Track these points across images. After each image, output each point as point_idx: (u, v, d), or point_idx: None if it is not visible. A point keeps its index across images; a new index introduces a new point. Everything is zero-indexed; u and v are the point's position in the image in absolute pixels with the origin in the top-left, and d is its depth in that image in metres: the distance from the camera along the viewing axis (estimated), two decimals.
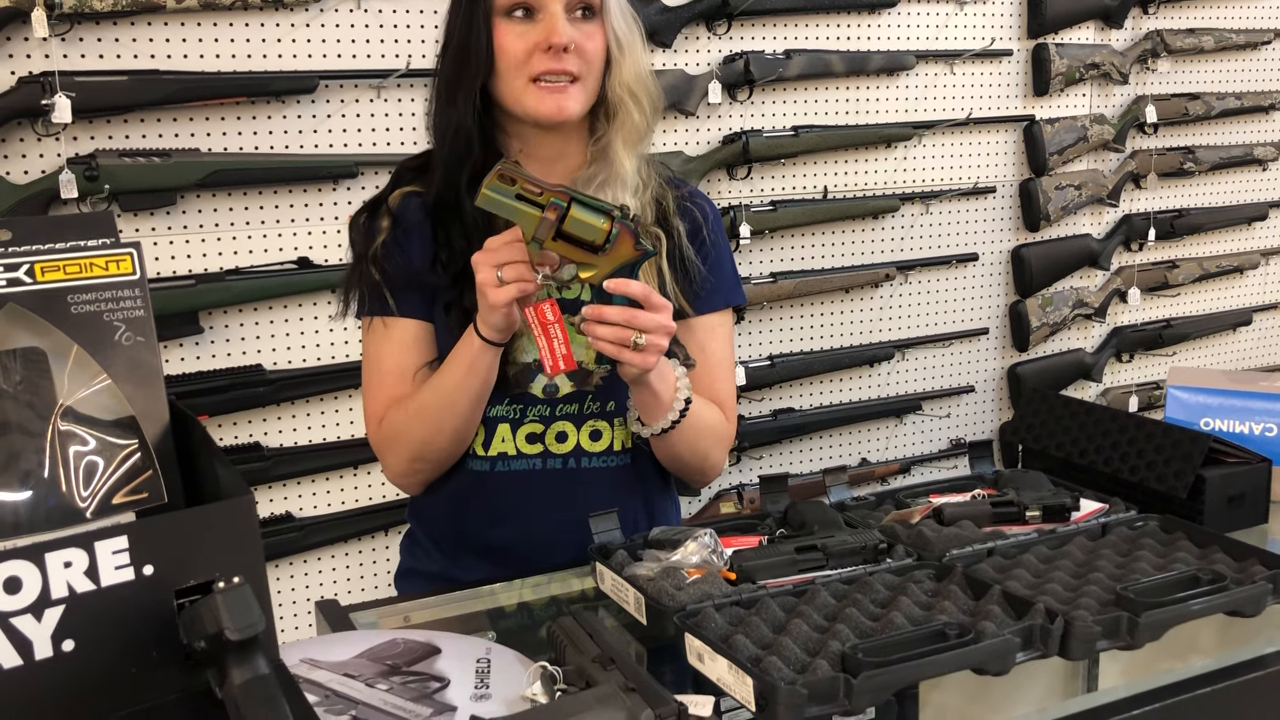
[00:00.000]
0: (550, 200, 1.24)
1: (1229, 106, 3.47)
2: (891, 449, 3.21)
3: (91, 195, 2.16)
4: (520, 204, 1.24)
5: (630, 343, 1.26)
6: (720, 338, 1.53)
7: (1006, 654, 1.03)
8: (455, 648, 1.10)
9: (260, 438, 2.41)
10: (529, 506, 1.45)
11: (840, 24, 2.92)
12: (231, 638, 0.71)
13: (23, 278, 0.84)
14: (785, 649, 1.04)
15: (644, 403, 1.38)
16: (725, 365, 1.54)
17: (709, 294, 1.49)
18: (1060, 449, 1.63)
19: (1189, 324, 3.57)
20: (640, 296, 1.27)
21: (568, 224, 1.24)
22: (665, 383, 1.37)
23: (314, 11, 2.35)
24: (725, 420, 1.51)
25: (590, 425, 1.46)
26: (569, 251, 1.26)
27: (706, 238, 1.50)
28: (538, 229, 1.24)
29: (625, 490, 1.49)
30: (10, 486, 0.82)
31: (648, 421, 1.40)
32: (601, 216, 1.25)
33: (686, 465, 1.49)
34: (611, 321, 1.26)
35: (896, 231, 3.09)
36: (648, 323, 1.26)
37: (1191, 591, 1.14)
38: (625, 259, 1.27)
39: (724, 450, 1.53)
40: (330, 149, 2.40)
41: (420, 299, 1.44)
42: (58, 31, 2.12)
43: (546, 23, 1.34)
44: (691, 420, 1.41)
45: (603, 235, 1.25)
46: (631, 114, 1.41)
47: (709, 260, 1.49)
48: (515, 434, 1.45)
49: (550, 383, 1.45)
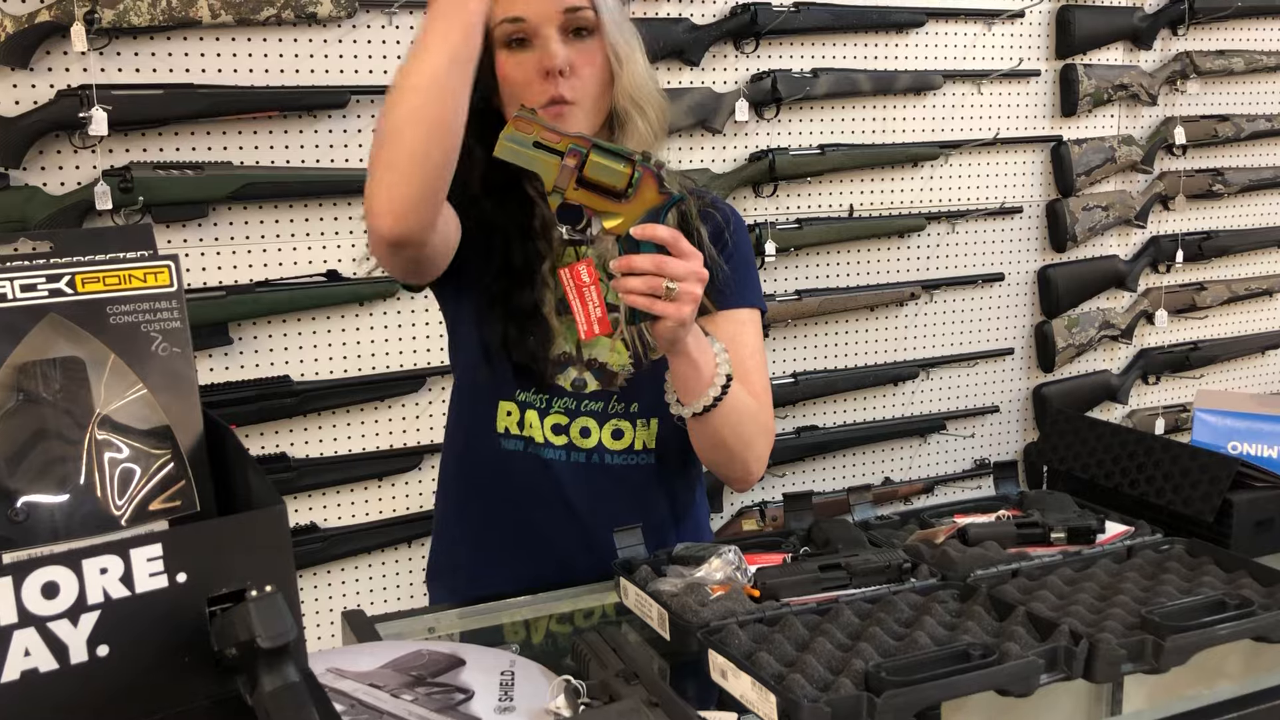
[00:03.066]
0: (569, 146, 1.21)
1: (1259, 129, 3.45)
2: (915, 468, 3.19)
3: (126, 207, 2.19)
4: (539, 152, 1.21)
5: (662, 291, 1.22)
6: (750, 333, 1.49)
7: (1030, 675, 1.03)
8: (479, 660, 1.10)
9: (287, 448, 2.43)
10: (557, 492, 1.46)
11: (868, 43, 2.93)
12: (263, 645, 0.71)
13: (64, 288, 0.86)
14: (809, 667, 1.04)
15: (683, 376, 1.33)
16: (757, 359, 1.49)
17: (734, 291, 1.48)
18: (1086, 471, 1.62)
19: (1217, 346, 3.54)
20: (669, 241, 1.23)
21: (588, 169, 1.21)
22: (704, 353, 1.32)
23: (346, 27, 2.37)
24: (765, 411, 1.47)
25: (613, 424, 1.47)
26: (592, 200, 1.23)
27: (729, 239, 1.49)
28: (559, 177, 1.21)
29: (651, 490, 1.50)
30: (49, 490, 0.84)
31: (687, 400, 1.35)
32: (623, 161, 1.22)
33: (731, 454, 1.42)
34: (641, 271, 1.22)
35: (922, 250, 3.09)
36: (679, 269, 1.22)
37: (1218, 616, 1.13)
38: (651, 204, 1.23)
39: (767, 442, 1.48)
40: (360, 163, 2.43)
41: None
42: (96, 46, 2.16)
43: (541, 47, 1.35)
44: (733, 402, 1.36)
45: (625, 179, 1.22)
46: (638, 124, 1.41)
47: (732, 260, 1.48)
48: (543, 421, 1.46)
49: (578, 377, 1.45)
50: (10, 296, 0.84)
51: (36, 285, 0.85)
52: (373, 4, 2.37)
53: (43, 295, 0.85)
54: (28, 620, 0.71)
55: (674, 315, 1.23)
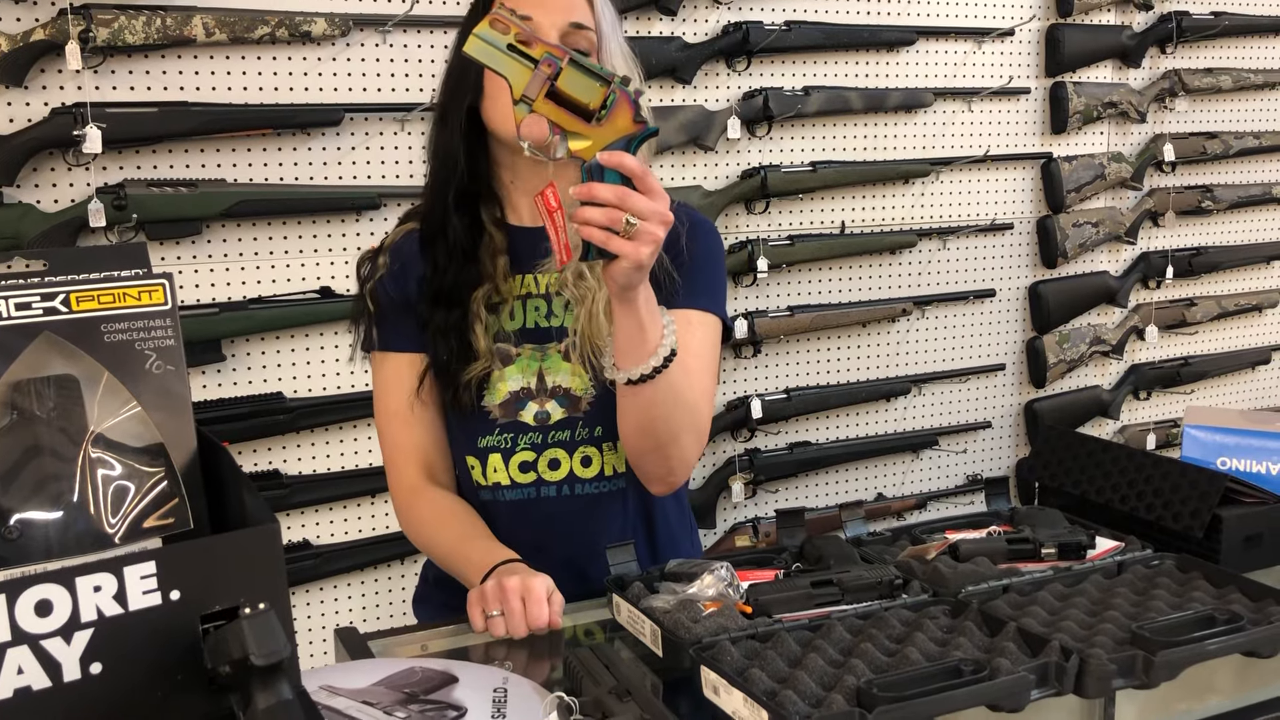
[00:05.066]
0: (545, 54, 1.14)
1: (1247, 145, 3.48)
2: (907, 484, 3.20)
3: (119, 224, 2.19)
4: (512, 55, 1.14)
5: (621, 226, 1.14)
6: (698, 336, 1.44)
7: (1021, 691, 1.03)
8: (472, 677, 1.10)
9: (280, 465, 2.43)
10: (525, 535, 1.44)
11: (859, 61, 2.95)
12: (257, 663, 0.72)
13: (59, 307, 0.86)
14: (801, 683, 1.04)
15: (627, 335, 1.26)
16: (703, 362, 1.43)
17: (684, 292, 1.44)
18: (1077, 487, 1.63)
19: (1207, 362, 3.56)
20: (636, 173, 1.14)
21: (561, 81, 1.13)
22: (653, 317, 1.26)
23: (340, 46, 2.38)
24: (701, 411, 1.41)
25: (581, 451, 1.46)
26: (560, 116, 1.14)
27: (683, 246, 1.44)
28: (528, 85, 1.13)
29: (623, 516, 1.50)
30: (43, 507, 0.84)
31: (624, 365, 1.28)
32: (600, 80, 1.14)
33: (658, 442, 1.36)
34: (602, 201, 1.14)
35: (914, 267, 3.10)
36: (642, 205, 1.14)
37: (1208, 631, 1.14)
38: (623, 132, 1.15)
39: (697, 445, 1.41)
40: (354, 180, 2.44)
41: (416, 331, 1.46)
42: (90, 64, 2.17)
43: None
44: (671, 381, 1.30)
45: (599, 99, 1.14)
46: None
47: (685, 265, 1.44)
48: (508, 464, 1.46)
49: (541, 410, 1.44)
50: (5, 315, 0.84)
51: (31, 304, 0.85)
52: (366, 23, 2.38)
53: (37, 314, 0.85)
54: (21, 638, 0.71)
55: (631, 255, 1.15)
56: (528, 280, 1.47)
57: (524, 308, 1.46)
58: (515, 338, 1.45)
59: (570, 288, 1.43)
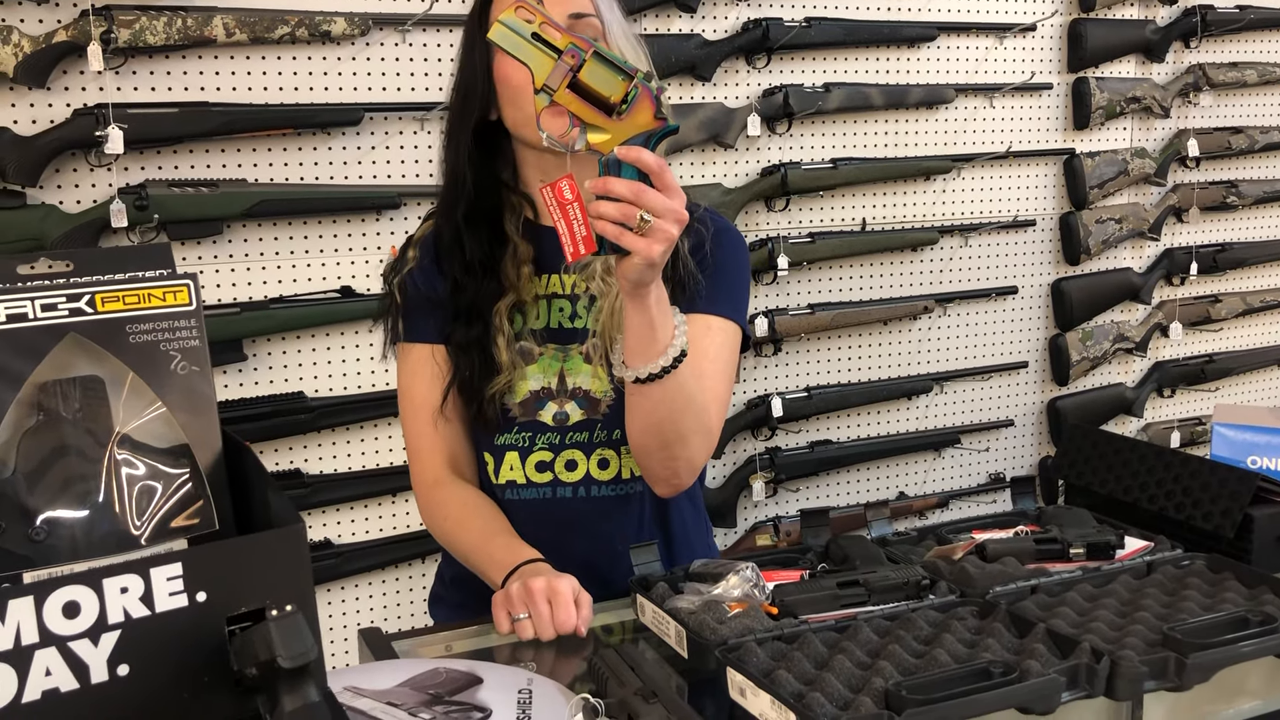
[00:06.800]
0: (570, 45, 1.13)
1: (1273, 140, 3.44)
2: (929, 483, 3.18)
3: (141, 224, 2.20)
4: (536, 44, 1.13)
5: (635, 222, 1.13)
6: (715, 341, 1.43)
7: (1052, 693, 1.02)
8: (497, 678, 1.10)
9: (301, 464, 2.43)
10: (543, 535, 1.42)
11: (879, 58, 2.93)
12: (284, 665, 0.71)
13: (84, 308, 0.86)
14: (828, 685, 1.03)
15: (637, 333, 1.25)
16: (717, 367, 1.42)
17: (705, 297, 1.43)
18: (1104, 486, 1.61)
19: (1232, 359, 3.53)
20: (654, 169, 1.14)
21: (584, 73, 1.13)
22: (665, 316, 1.25)
23: (359, 46, 2.38)
24: (712, 415, 1.39)
25: (599, 454, 1.45)
26: (580, 109, 1.14)
27: (709, 251, 1.44)
28: (550, 75, 1.13)
29: (639, 519, 1.49)
30: (69, 507, 0.84)
31: (634, 363, 1.27)
32: (622, 74, 1.14)
33: (664, 442, 1.35)
34: (617, 196, 1.13)
35: (935, 264, 3.09)
36: (656, 202, 1.13)
37: (1241, 633, 1.12)
38: (643, 128, 1.15)
39: (705, 449, 1.40)
40: (374, 180, 2.44)
41: (443, 323, 1.46)
42: (112, 65, 2.17)
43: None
44: (680, 382, 1.28)
45: (621, 92, 1.13)
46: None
47: (709, 270, 1.44)
48: (525, 462, 1.45)
49: (560, 410, 1.44)
50: (31, 316, 0.84)
51: (57, 305, 0.85)
52: (386, 22, 2.38)
53: (63, 315, 0.85)
54: (49, 640, 0.71)
55: (644, 252, 1.14)
56: (554, 280, 1.46)
57: (549, 308, 1.46)
58: (538, 337, 1.45)
59: (597, 279, 1.43)
